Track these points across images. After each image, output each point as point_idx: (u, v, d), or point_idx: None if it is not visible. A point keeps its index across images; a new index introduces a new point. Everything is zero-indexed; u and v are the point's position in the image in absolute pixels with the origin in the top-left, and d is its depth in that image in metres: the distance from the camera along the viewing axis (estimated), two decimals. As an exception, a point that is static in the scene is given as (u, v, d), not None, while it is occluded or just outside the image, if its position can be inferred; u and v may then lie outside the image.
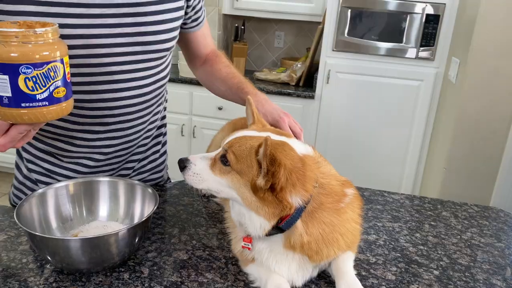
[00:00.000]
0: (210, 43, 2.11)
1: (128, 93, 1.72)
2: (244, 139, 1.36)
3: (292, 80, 4.97)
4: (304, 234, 1.34)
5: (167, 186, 2.17)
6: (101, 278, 1.40)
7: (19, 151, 1.92)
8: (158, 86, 1.85)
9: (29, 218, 1.49)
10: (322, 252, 1.38)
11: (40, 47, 1.23)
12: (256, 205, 1.31)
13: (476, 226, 1.95)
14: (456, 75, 3.99)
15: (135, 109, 1.78)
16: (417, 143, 4.62)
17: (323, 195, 1.36)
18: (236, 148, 1.33)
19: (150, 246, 1.60)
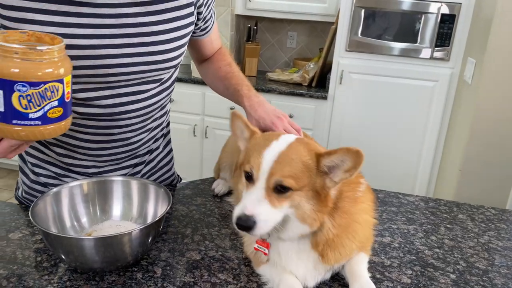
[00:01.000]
0: (216, 45, 2.11)
1: (133, 106, 1.73)
2: (288, 157, 1.32)
3: (305, 80, 4.97)
4: (332, 228, 1.36)
5: (179, 186, 2.18)
6: (114, 278, 1.42)
7: (22, 156, 1.93)
8: (163, 96, 1.86)
9: (44, 216, 1.51)
10: (342, 248, 1.40)
11: (39, 66, 1.21)
12: (307, 214, 1.32)
13: (493, 229, 1.95)
14: (472, 75, 3.97)
15: (140, 119, 1.79)
16: (431, 145, 4.60)
17: (342, 184, 1.38)
18: (289, 171, 1.30)
19: (163, 246, 1.62)
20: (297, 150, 1.34)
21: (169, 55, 1.71)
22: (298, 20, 5.47)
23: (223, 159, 2.07)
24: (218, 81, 2.03)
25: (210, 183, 2.16)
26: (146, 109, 1.79)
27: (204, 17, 1.87)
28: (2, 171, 6.21)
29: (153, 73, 1.70)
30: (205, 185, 2.16)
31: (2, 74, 1.18)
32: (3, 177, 6.09)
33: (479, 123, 3.85)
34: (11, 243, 1.60)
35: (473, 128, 3.87)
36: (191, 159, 5.03)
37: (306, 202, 1.30)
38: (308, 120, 4.78)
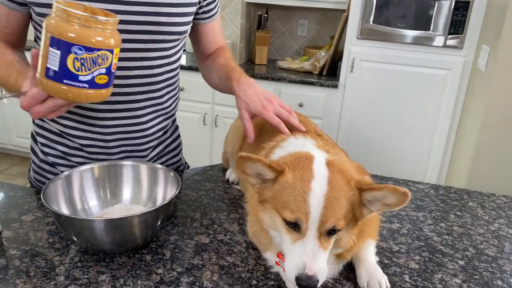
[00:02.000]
0: (219, 41, 2.15)
1: (138, 72, 1.80)
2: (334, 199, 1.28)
3: (316, 69, 4.98)
4: (349, 238, 1.36)
5: (189, 171, 2.23)
6: (124, 259, 1.47)
7: (34, 136, 2.02)
8: (168, 70, 1.92)
9: (56, 199, 1.56)
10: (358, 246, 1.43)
11: (96, 34, 1.32)
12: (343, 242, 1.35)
13: (504, 217, 1.97)
14: (485, 63, 3.95)
15: (144, 89, 1.85)
16: (443, 133, 4.60)
17: None
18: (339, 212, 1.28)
19: (172, 229, 1.66)
20: (339, 186, 1.31)
21: (175, 19, 1.79)
22: (309, 8, 5.49)
23: (226, 149, 2.14)
24: (214, 73, 2.07)
25: (220, 169, 2.20)
26: (149, 78, 1.86)
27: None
28: (16, 158, 6.31)
29: (159, 37, 1.78)
30: (214, 171, 2.20)
31: (62, 36, 1.30)
32: (17, 164, 6.18)
33: (492, 112, 3.85)
34: (24, 225, 1.65)
35: (486, 117, 3.87)
36: (201, 147, 5.05)
37: (346, 232, 1.33)
38: (319, 109, 4.80)
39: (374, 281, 1.40)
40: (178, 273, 1.42)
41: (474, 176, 4.02)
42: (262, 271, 1.47)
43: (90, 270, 1.41)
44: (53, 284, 1.34)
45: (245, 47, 5.60)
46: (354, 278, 1.46)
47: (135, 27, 1.71)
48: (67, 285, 1.34)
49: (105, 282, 1.36)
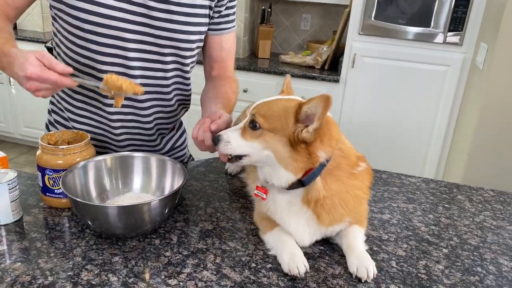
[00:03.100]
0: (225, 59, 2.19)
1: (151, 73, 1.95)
2: (271, 102, 1.55)
3: (318, 63, 5.03)
4: (322, 189, 1.53)
5: (193, 163, 2.34)
6: (135, 243, 1.60)
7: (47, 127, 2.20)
8: (181, 76, 2.07)
9: (73, 187, 1.70)
10: (334, 211, 1.57)
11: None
12: (287, 161, 1.50)
13: (490, 209, 2.07)
14: (483, 61, 4.00)
15: (154, 89, 2.00)
16: (442, 129, 4.64)
17: (341, 157, 1.56)
18: (265, 111, 1.51)
19: (179, 216, 1.79)
20: (287, 100, 1.54)
21: (187, 28, 1.92)
22: (313, 3, 5.50)
23: None
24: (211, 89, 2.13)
25: (222, 162, 2.28)
26: (163, 88, 2.01)
27: (219, 12, 2.04)
28: (23, 148, 6.40)
29: (173, 43, 1.91)
30: (218, 163, 2.32)
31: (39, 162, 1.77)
32: (25, 153, 6.26)
33: (488, 109, 3.89)
34: (42, 211, 1.78)
35: (483, 113, 3.91)
36: None
37: (282, 147, 1.49)
38: (320, 103, 4.79)
39: (363, 268, 1.51)
40: (184, 256, 1.55)
41: (470, 171, 4.07)
42: (260, 255, 1.59)
43: (104, 252, 1.54)
44: (72, 264, 1.47)
45: (249, 41, 5.61)
46: (345, 263, 1.57)
47: (149, 30, 1.85)
48: (84, 264, 1.47)
49: (118, 262, 1.49)
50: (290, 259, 1.51)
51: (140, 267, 1.48)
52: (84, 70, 1.89)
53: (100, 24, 1.79)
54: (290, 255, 1.53)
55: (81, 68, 1.89)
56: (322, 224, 1.60)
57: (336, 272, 1.54)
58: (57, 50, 1.99)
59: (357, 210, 1.65)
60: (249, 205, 1.92)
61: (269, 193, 1.64)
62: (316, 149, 1.49)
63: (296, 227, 1.61)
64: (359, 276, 1.51)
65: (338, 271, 1.55)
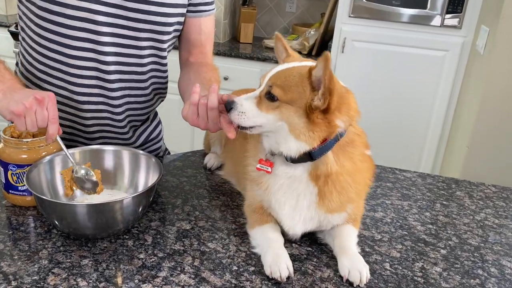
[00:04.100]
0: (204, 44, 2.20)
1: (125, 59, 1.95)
2: (288, 71, 1.55)
3: (304, 48, 5.02)
4: (334, 164, 1.54)
5: (170, 157, 2.36)
6: (106, 244, 1.60)
7: None
8: (157, 62, 2.08)
9: (38, 183, 1.70)
10: (344, 192, 1.58)
11: None
12: (301, 131, 1.51)
13: (491, 207, 2.10)
14: (484, 45, 3.99)
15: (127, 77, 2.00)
16: (439, 119, 4.64)
17: (355, 134, 1.59)
18: (282, 81, 1.52)
19: (154, 215, 1.80)
20: (303, 67, 1.54)
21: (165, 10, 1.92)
22: None
23: (212, 134, 2.22)
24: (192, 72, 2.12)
25: (201, 155, 2.32)
26: (138, 76, 2.01)
27: None
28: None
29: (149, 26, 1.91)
30: (196, 157, 2.33)
31: None
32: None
33: (489, 97, 3.89)
34: (5, 210, 1.78)
35: (484, 102, 3.91)
36: (181, 132, 5.01)
37: (297, 119, 1.50)
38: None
39: (355, 271, 1.52)
40: (160, 258, 1.55)
41: (470, 164, 4.07)
42: (243, 257, 1.60)
43: (72, 255, 1.54)
44: (37, 267, 1.47)
45: (229, 24, 5.60)
46: (335, 265, 1.58)
47: (123, 12, 1.85)
48: (51, 268, 1.47)
49: (87, 266, 1.49)
50: (273, 260, 1.52)
51: (111, 271, 1.48)
52: (52, 56, 1.89)
53: (70, 6, 1.79)
54: (274, 256, 1.53)
55: (50, 55, 1.89)
56: (324, 207, 1.61)
57: (325, 275, 1.55)
58: (22, 35, 1.99)
59: (361, 198, 1.68)
60: (230, 203, 1.94)
61: (273, 167, 1.64)
62: (334, 117, 1.50)
63: (292, 209, 1.63)
64: (350, 279, 1.52)
65: (327, 274, 1.56)
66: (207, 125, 1.67)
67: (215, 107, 1.61)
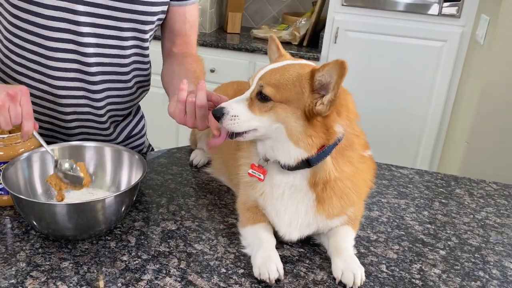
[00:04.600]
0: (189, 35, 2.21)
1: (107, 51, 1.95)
2: (282, 69, 1.53)
3: (295, 39, 5.00)
4: (334, 170, 1.54)
5: (154, 154, 2.35)
6: (87, 246, 1.60)
7: None
8: (140, 54, 2.07)
9: (15, 182, 1.69)
10: (345, 197, 1.58)
11: None
12: (299, 136, 1.49)
13: (493, 205, 2.10)
14: (484, 35, 3.98)
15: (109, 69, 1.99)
16: (437, 113, 4.63)
17: (353, 135, 1.58)
18: (276, 80, 1.50)
19: (137, 215, 1.80)
20: (300, 66, 1.53)
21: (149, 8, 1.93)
22: None
23: None
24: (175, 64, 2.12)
25: (187, 152, 2.32)
26: (120, 68, 2.01)
27: None
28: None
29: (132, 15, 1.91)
30: (182, 154, 2.33)
31: None
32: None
33: (490, 89, 3.88)
34: (-20, 210, 1.78)
35: (484, 95, 3.90)
36: (166, 127, 4.96)
37: (295, 121, 1.48)
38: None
39: (349, 272, 1.51)
40: (144, 261, 1.55)
41: (469, 161, 4.06)
42: (231, 259, 1.60)
43: (52, 257, 1.53)
44: (15, 270, 1.46)
45: (216, 13, 5.56)
46: (328, 267, 1.58)
47: (105, 1, 1.84)
48: (29, 271, 1.46)
49: (68, 269, 1.49)
50: (263, 262, 1.52)
51: (93, 274, 1.48)
52: (30, 48, 1.88)
53: None
54: (264, 258, 1.53)
55: (27, 46, 1.88)
56: (323, 213, 1.60)
57: (318, 277, 1.56)
58: None
59: (361, 200, 1.69)
60: (218, 202, 1.94)
61: (268, 175, 1.63)
62: (333, 122, 1.50)
63: (290, 216, 1.62)
64: (344, 281, 1.51)
65: (320, 276, 1.56)
66: (195, 123, 1.66)
67: (203, 105, 1.61)
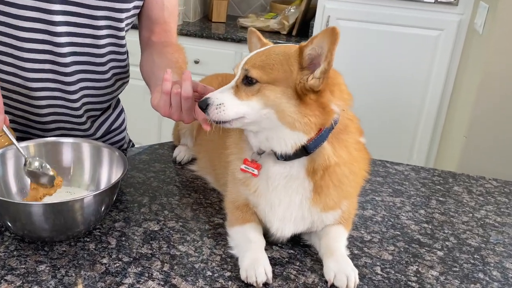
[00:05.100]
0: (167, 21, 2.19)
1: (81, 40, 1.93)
2: (267, 51, 1.53)
3: (284, 28, 5.01)
4: (332, 155, 1.53)
5: (135, 150, 2.35)
6: (65, 248, 1.59)
7: None
8: (116, 44, 2.06)
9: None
10: (342, 185, 1.58)
11: None
12: (293, 117, 1.47)
13: (493, 203, 2.11)
14: (483, 23, 3.97)
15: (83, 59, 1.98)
16: (434, 106, 4.64)
17: (347, 119, 1.58)
18: (262, 60, 1.49)
19: (118, 215, 1.79)
20: (286, 46, 1.53)
21: None
22: None
23: (182, 124, 2.19)
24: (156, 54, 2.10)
25: (170, 148, 2.32)
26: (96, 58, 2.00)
27: None
28: None
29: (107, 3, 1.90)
30: (164, 150, 2.32)
31: None
32: None
33: (489, 80, 3.87)
34: (-50, 210, 1.77)
35: (483, 86, 3.89)
36: (147, 121, 4.96)
37: (287, 101, 1.47)
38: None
39: (342, 275, 1.51)
40: (125, 263, 1.54)
41: (468, 156, 4.06)
42: (217, 261, 1.59)
43: (28, 260, 1.53)
44: (-12, 275, 1.46)
45: (200, 1, 5.55)
46: (320, 270, 1.58)
47: None
48: (3, 275, 1.45)
49: (44, 272, 1.48)
50: (251, 264, 1.51)
51: (71, 277, 1.47)
52: (0, 39, 1.87)
53: None
54: (252, 260, 1.53)
55: None
56: (319, 204, 1.60)
57: (309, 280, 1.55)
58: None
59: (356, 193, 1.70)
60: (203, 201, 1.94)
61: (263, 169, 1.62)
62: (328, 101, 1.49)
63: (284, 210, 1.62)
64: (336, 284, 1.51)
65: (311, 279, 1.56)
66: (181, 116, 1.65)
67: (189, 96, 1.60)
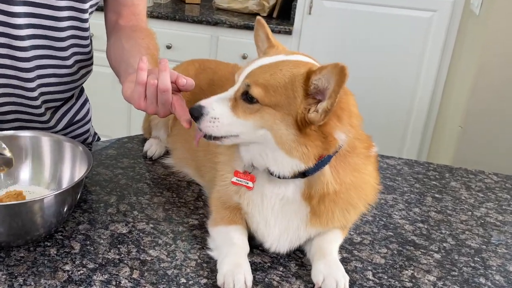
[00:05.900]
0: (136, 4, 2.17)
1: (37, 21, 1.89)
2: (273, 67, 1.48)
3: (263, 9, 5.01)
4: (333, 182, 1.50)
5: (101, 145, 2.32)
6: (23, 254, 1.55)
7: None
8: (78, 27, 2.01)
9: None
10: (351, 208, 1.57)
11: None
12: (291, 145, 1.44)
13: (493, 200, 2.10)
14: (480, 4, 3.98)
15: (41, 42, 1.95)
16: (427, 94, 4.65)
17: (356, 139, 1.53)
18: (266, 79, 1.45)
19: (82, 216, 1.75)
20: (295, 64, 1.48)
21: None
22: None
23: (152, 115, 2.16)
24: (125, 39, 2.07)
25: (140, 141, 2.30)
26: (56, 42, 1.96)
27: None
28: None
29: None
30: (134, 144, 2.30)
31: None
32: None
33: (486, 65, 3.88)
34: None
35: (479, 72, 3.90)
36: (115, 111, 5.03)
37: (285, 129, 1.44)
38: (268, 61, 4.76)
39: (331, 279, 1.49)
40: (90, 270, 1.51)
41: (463, 148, 4.06)
42: (192, 267, 1.57)
43: (-19, 267, 1.50)
44: None
45: (172, -21, 5.55)
46: (306, 275, 1.57)
47: None
48: (-47, 284, 1.43)
49: (0, 281, 1.44)
50: (230, 270, 1.49)
51: (30, 286, 1.44)
52: None
53: None
54: (233, 266, 1.50)
55: None
56: (318, 225, 1.58)
57: (294, 287, 1.53)
58: None
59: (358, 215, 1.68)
60: (177, 200, 1.91)
61: (257, 185, 1.59)
62: (333, 129, 1.45)
63: (280, 231, 1.60)
64: (323, 288, 1.50)
65: (296, 286, 1.54)
66: (156, 109, 1.63)
67: (167, 89, 1.56)
